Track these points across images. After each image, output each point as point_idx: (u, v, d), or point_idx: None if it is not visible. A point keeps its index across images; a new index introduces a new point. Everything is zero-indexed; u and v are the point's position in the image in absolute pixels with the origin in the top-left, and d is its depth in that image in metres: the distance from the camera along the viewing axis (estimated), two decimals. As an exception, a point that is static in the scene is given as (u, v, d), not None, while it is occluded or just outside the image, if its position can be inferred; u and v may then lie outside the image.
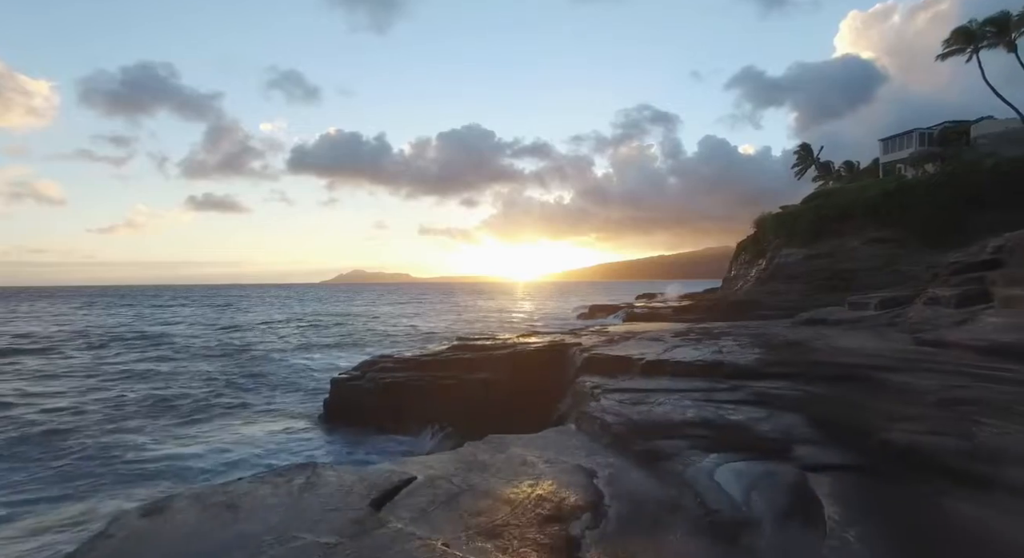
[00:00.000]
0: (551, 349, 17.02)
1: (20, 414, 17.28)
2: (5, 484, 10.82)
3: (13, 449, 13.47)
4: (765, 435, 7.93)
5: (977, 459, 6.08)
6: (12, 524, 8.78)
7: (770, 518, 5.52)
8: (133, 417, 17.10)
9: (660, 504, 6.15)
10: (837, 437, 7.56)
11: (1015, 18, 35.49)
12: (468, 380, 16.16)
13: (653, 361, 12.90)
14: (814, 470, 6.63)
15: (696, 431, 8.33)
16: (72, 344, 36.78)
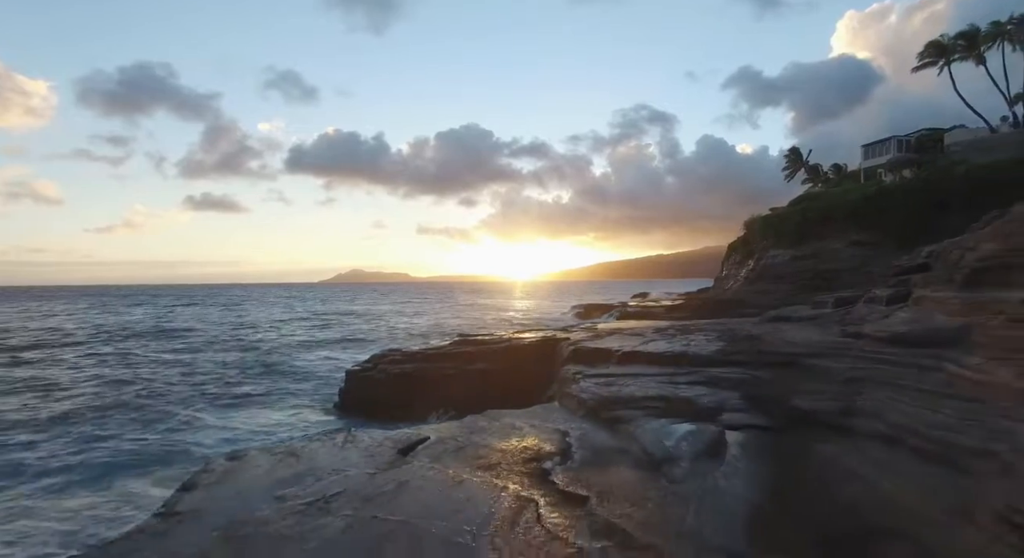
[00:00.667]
0: (543, 343, 19.18)
1: (83, 396, 19.53)
2: (96, 453, 12.93)
3: (90, 427, 15.62)
4: (704, 406, 10.09)
5: (847, 417, 8.27)
6: (111, 477, 10.95)
7: (689, 457, 7.70)
8: (173, 403, 19.23)
9: (613, 450, 8.33)
10: (758, 406, 9.73)
11: (983, 33, 37.68)
12: (468, 370, 18.30)
13: (629, 352, 15.06)
14: (732, 429, 8.80)
15: (652, 404, 10.48)
16: (98, 339, 38.93)
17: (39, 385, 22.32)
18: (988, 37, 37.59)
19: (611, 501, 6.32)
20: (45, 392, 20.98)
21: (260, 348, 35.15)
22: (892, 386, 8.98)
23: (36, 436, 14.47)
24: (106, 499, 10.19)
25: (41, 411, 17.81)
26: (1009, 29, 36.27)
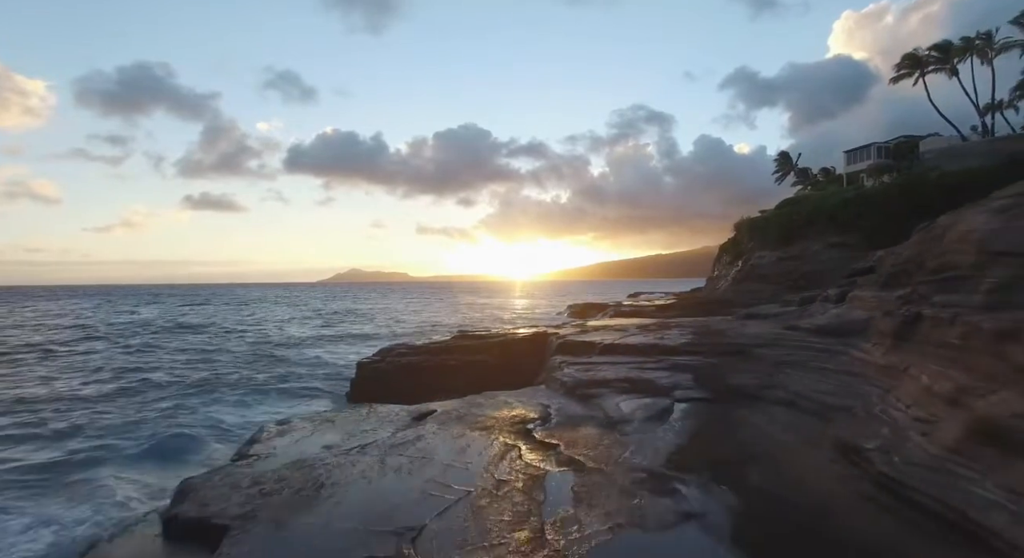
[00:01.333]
0: (535, 337, 21.48)
1: (121, 384, 21.89)
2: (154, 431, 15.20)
3: (137, 410, 17.92)
4: (662, 385, 12.41)
5: (764, 389, 10.59)
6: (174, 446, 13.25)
7: (640, 419, 10.01)
8: (203, 392, 21.54)
9: (582, 417, 10.63)
10: (704, 385, 12.05)
11: (955, 47, 40.00)
12: (468, 361, 20.58)
13: (609, 344, 17.36)
14: (679, 401, 11.10)
15: (619, 384, 12.80)
16: (121, 335, 41.23)
17: (79, 374, 24.64)
18: (959, 50, 39.91)
19: (574, 446, 8.63)
20: (84, 382, 23.29)
21: (271, 343, 37.47)
22: (805, 366, 11.34)
23: (95, 418, 16.76)
24: (172, 463, 12.49)
25: (88, 397, 20.14)
26: (977, 44, 38.61)
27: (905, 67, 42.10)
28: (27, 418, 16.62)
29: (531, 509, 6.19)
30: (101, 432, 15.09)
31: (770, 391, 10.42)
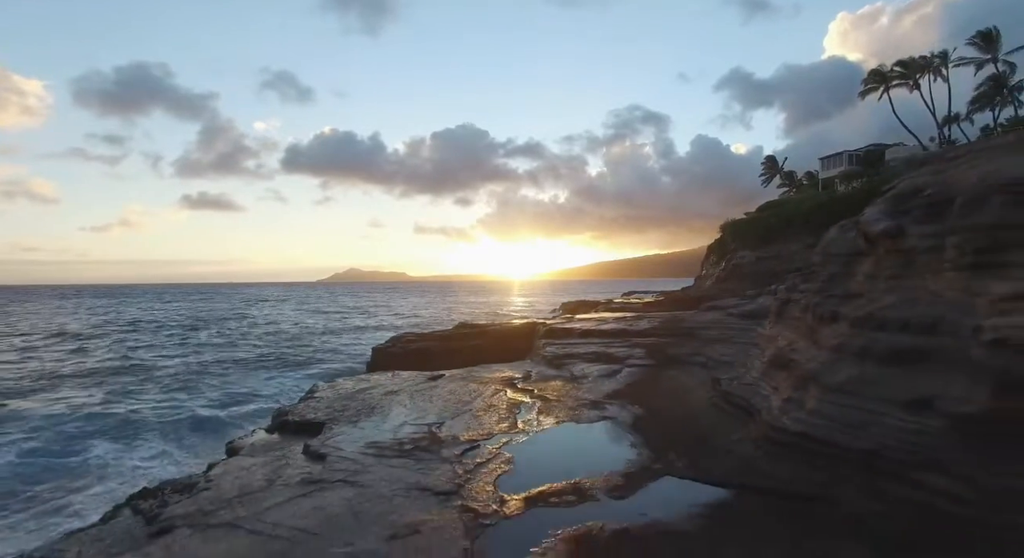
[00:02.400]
0: (526, 326, 25.25)
1: (181, 364, 25.76)
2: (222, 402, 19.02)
3: (207, 383, 21.84)
4: (619, 356, 16.15)
5: (691, 356, 14.30)
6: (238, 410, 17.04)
7: (595, 376, 13.75)
8: (249, 371, 25.40)
9: (554, 375, 14.41)
10: (651, 356, 15.78)
11: (916, 63, 43.68)
12: (469, 345, 24.27)
13: (585, 330, 21.10)
14: (629, 366, 14.82)
15: (588, 356, 16.55)
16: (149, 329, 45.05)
17: (138, 364, 28.41)
18: (919, 67, 43.63)
19: (544, 390, 12.37)
20: (150, 368, 27.06)
21: (290, 334, 41.20)
22: (725, 341, 15.07)
23: (177, 394, 20.67)
24: (246, 414, 16.25)
25: (158, 376, 24.02)
26: (935, 62, 42.31)
27: (872, 82, 45.73)
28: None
29: (510, 416, 9.92)
30: (223, 388, 19.41)
31: (695, 357, 14.17)
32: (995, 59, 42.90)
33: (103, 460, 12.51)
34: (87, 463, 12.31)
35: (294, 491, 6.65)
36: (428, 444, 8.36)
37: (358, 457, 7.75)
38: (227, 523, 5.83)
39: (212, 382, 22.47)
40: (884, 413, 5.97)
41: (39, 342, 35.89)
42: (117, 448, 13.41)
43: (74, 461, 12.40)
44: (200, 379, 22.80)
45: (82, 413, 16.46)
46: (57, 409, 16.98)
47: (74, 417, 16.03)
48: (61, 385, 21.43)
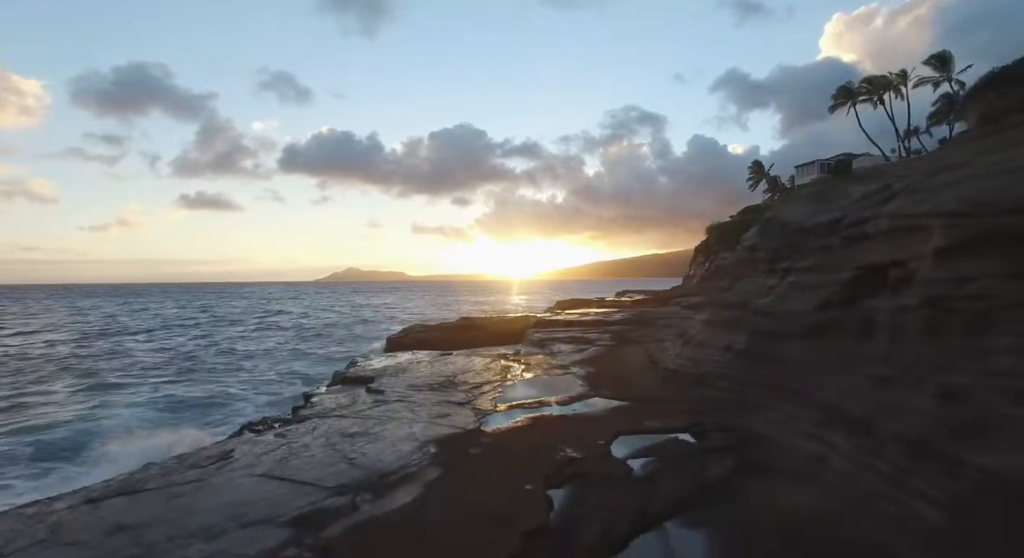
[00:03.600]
0: (519, 319, 29.87)
1: (238, 353, 30.32)
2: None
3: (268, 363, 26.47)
4: (590, 339, 20.84)
5: (645, 337, 18.94)
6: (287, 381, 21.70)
7: (567, 352, 18.40)
8: (284, 351, 30.07)
9: (538, 352, 19.12)
10: (615, 339, 20.41)
11: (880, 81, 48.35)
12: (471, 335, 28.88)
13: (568, 321, 25.79)
14: (595, 345, 19.44)
15: (565, 339, 21.24)
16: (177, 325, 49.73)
17: (232, 350, 33.27)
18: (883, 85, 48.33)
19: (529, 361, 17.04)
20: (244, 350, 32.00)
21: (310, 328, 45.90)
22: (670, 327, 19.73)
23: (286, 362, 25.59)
24: (301, 381, 20.92)
25: (254, 353, 29.04)
26: (895, 81, 47.01)
27: (840, 98, 50.41)
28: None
29: (503, 372, 14.57)
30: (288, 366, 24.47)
31: (645, 338, 18.83)
32: (949, 78, 47.62)
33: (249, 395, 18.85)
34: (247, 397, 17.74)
35: (370, 404, 11.27)
36: (448, 384, 13.02)
37: (404, 391, 12.39)
38: (338, 415, 10.42)
39: (284, 356, 27.62)
40: (711, 354, 10.59)
41: (155, 334, 40.67)
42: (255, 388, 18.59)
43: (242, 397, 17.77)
44: (275, 355, 28.02)
45: (226, 377, 23.46)
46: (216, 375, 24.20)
47: (231, 376, 23.08)
48: (200, 367, 26.62)
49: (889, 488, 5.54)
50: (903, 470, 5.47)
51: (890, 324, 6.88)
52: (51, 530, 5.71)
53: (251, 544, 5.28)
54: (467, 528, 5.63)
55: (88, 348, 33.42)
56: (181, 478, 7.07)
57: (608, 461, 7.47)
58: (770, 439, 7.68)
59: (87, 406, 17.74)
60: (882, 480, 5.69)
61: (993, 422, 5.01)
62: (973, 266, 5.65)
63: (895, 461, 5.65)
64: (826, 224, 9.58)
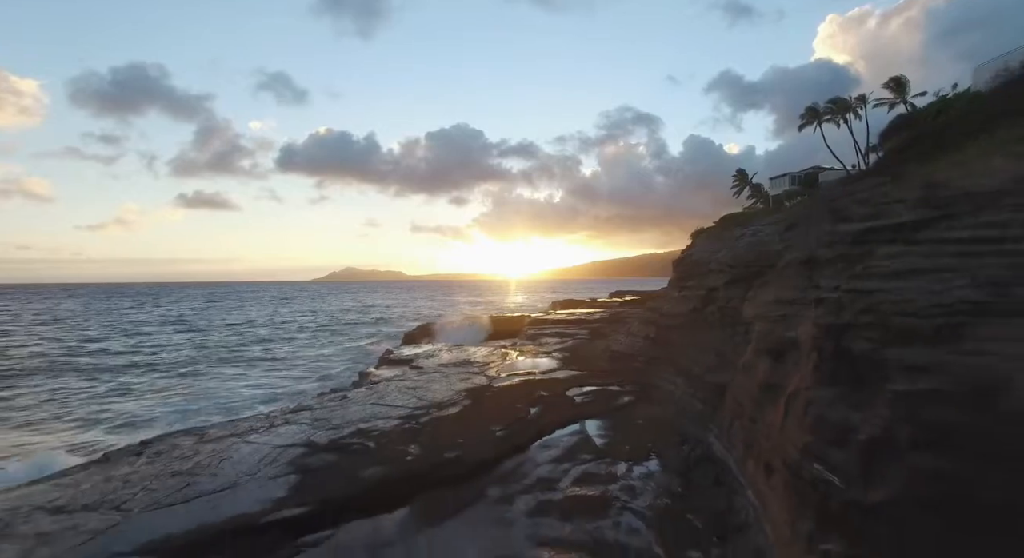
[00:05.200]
0: (516, 318, 36.01)
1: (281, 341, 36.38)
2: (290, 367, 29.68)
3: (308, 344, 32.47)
4: (571, 334, 27.03)
5: (614, 331, 25.06)
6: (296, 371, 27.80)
7: (552, 344, 24.53)
8: (312, 339, 36.07)
9: (530, 344, 25.21)
10: (591, 334, 26.55)
11: (843, 102, 54.65)
12: (475, 332, 34.98)
13: (557, 320, 31.96)
14: (575, 339, 25.54)
15: (552, 334, 27.45)
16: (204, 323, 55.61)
17: (290, 337, 39.10)
18: (845, 107, 54.60)
19: (522, 349, 23.16)
20: (307, 340, 37.79)
21: (330, 324, 51.93)
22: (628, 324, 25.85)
23: (322, 358, 31.49)
24: (336, 371, 26.99)
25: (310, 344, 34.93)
26: (854, 104, 53.31)
27: (808, 117, 56.76)
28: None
29: (503, 357, 20.68)
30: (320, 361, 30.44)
31: (613, 332, 24.91)
32: (904, 100, 53.90)
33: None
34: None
35: (415, 374, 17.35)
36: (466, 363, 19.13)
37: (436, 367, 18.50)
38: (397, 379, 16.50)
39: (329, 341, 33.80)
40: (637, 341, 16.75)
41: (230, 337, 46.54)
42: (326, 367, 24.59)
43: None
44: (322, 340, 34.09)
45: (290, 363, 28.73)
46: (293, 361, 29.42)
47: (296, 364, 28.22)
48: (282, 357, 32.82)
49: (696, 404, 11.58)
50: (704, 400, 11.47)
51: (713, 320, 12.88)
52: (286, 420, 11.83)
53: (385, 423, 11.35)
54: (486, 421, 11.70)
55: (210, 342, 39.99)
56: (329, 404, 13.18)
57: (563, 396, 13.61)
58: (655, 386, 13.76)
59: (256, 379, 24.64)
60: (696, 401, 11.73)
61: (732, 364, 11.10)
62: (733, 292, 11.65)
63: (704, 396, 11.65)
64: (704, 259, 15.63)
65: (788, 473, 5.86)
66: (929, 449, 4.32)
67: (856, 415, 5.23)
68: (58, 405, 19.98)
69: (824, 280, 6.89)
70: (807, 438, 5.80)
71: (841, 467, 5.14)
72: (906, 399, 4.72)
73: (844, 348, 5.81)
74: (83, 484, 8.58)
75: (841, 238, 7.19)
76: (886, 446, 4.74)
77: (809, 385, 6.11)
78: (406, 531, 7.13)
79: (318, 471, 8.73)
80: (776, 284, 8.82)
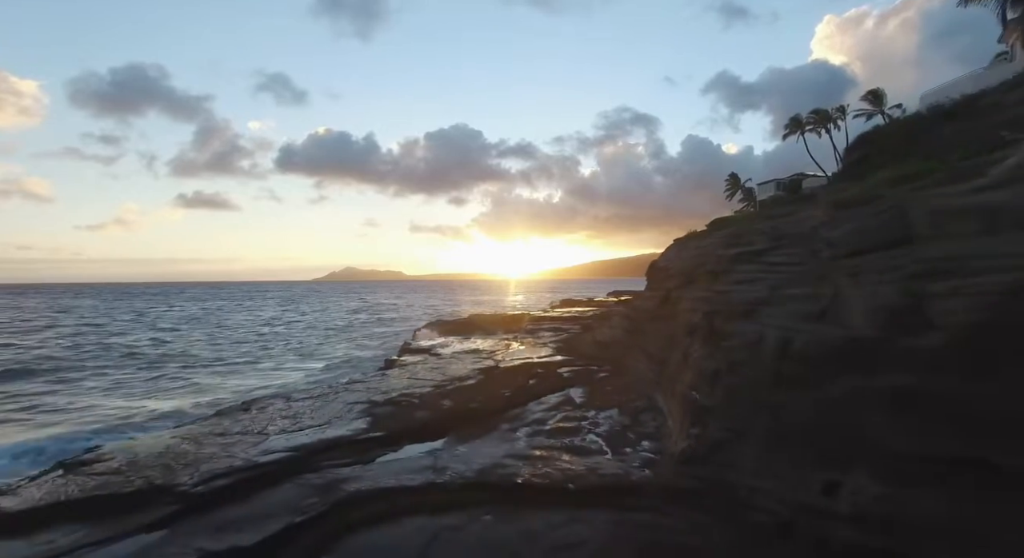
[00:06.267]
0: (518, 316, 40.17)
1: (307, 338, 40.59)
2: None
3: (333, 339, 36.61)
4: (565, 329, 31.20)
5: (600, 325, 29.22)
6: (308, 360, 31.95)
7: (548, 336, 28.67)
8: (334, 335, 40.19)
9: (530, 337, 29.29)
10: (582, 329, 30.68)
11: (823, 113, 58.72)
12: (481, 328, 39.13)
13: (553, 317, 36.19)
14: (567, 333, 29.67)
15: (548, 329, 31.69)
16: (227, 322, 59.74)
17: (331, 335, 43.24)
18: (826, 118, 58.68)
19: (523, 341, 27.27)
20: (339, 339, 41.86)
21: (346, 323, 56.10)
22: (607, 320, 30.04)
23: (353, 348, 35.48)
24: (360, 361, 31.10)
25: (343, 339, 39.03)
26: (834, 115, 57.39)
27: (792, 127, 60.87)
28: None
29: (507, 347, 24.79)
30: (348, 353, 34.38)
31: (602, 326, 29.02)
32: (882, 112, 58.06)
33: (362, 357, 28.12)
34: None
35: (435, 360, 21.47)
36: (476, 352, 23.25)
37: (451, 354, 22.63)
38: (421, 364, 20.60)
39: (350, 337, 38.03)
40: (616, 331, 20.86)
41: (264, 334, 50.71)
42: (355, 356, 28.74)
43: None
44: (344, 336, 38.32)
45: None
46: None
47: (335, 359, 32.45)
48: (311, 352, 36.87)
49: (650, 374, 15.69)
50: (655, 371, 15.58)
51: (668, 314, 16.98)
52: (346, 389, 15.94)
53: (422, 389, 15.47)
54: (496, 388, 15.81)
55: (241, 338, 44.08)
56: (374, 379, 17.31)
57: (555, 373, 17.76)
58: (627, 365, 17.86)
59: (295, 367, 28.58)
60: (650, 372, 15.83)
61: (674, 344, 15.24)
62: (681, 292, 15.74)
63: (655, 368, 15.75)
64: (667, 266, 19.72)
65: (681, 397, 9.97)
66: (730, 373, 8.44)
67: (712, 363, 9.33)
68: (150, 382, 24.27)
69: (712, 285, 10.96)
70: (692, 377, 9.90)
71: (702, 389, 9.24)
72: (727, 351, 8.82)
73: (713, 326, 9.89)
74: (224, 422, 12.71)
75: (726, 257, 11.24)
76: (720, 377, 8.81)
77: (696, 347, 10.17)
78: (448, 446, 11.25)
79: (382, 416, 12.86)
80: (696, 286, 12.91)
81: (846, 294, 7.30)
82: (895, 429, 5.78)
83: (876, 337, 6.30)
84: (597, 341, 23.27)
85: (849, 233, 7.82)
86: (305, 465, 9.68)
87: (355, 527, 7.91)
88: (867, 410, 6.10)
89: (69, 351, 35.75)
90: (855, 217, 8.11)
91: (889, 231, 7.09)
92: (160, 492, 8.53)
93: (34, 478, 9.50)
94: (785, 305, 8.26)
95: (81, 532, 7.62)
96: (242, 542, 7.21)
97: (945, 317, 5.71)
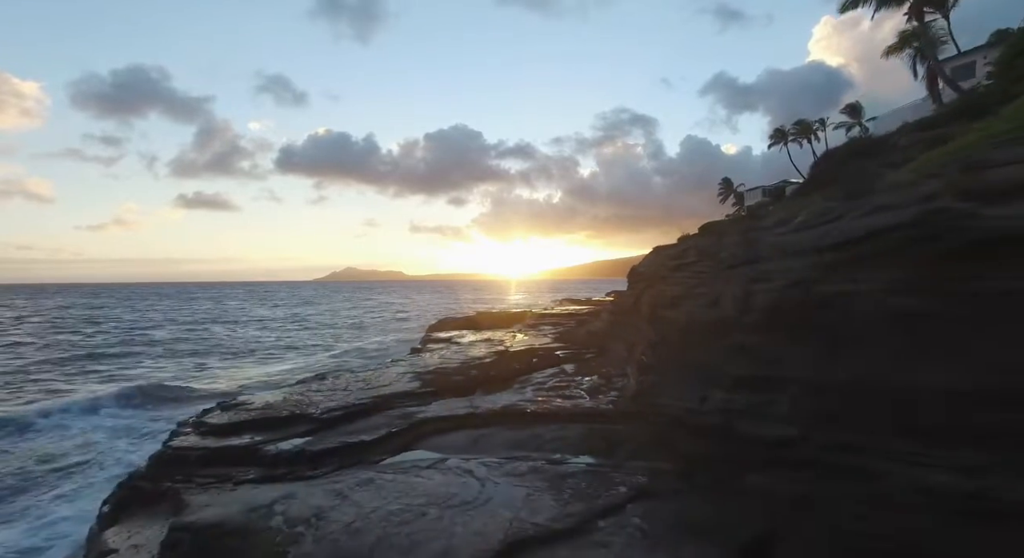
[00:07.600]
0: (521, 312, 45.33)
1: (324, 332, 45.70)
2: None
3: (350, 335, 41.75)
4: (564, 323, 36.38)
5: (589, 321, 34.37)
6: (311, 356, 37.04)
7: (548, 330, 33.80)
8: (356, 331, 45.36)
9: (531, 330, 34.34)
10: (578, 324, 35.82)
11: (806, 125, 63.76)
12: (488, 323, 44.26)
13: (553, 313, 41.40)
14: (564, 327, 34.80)
15: (549, 324, 36.77)
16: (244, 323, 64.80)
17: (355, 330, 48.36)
18: (807, 129, 63.76)
19: (525, 333, 32.43)
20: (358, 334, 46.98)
21: (363, 322, 61.26)
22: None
23: (364, 342, 40.60)
24: (369, 356, 36.18)
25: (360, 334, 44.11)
26: (815, 126, 62.47)
27: (776, 137, 65.97)
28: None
29: (514, 337, 29.94)
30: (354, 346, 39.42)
31: (595, 320, 34.10)
32: (860, 124, 63.19)
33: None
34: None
35: (455, 348, 26.59)
36: (488, 341, 28.38)
37: (467, 343, 27.79)
38: (444, 350, 25.71)
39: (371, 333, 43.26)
40: (603, 323, 25.96)
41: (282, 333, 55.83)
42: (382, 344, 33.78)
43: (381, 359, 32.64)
44: (365, 332, 43.42)
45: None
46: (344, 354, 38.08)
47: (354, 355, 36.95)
48: (338, 346, 42.07)
49: (624, 353, 20.80)
50: (627, 350, 20.66)
51: (641, 307, 22.15)
52: (392, 366, 21.07)
53: (451, 365, 20.58)
54: (507, 363, 20.91)
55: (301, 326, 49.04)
56: (410, 358, 22.43)
57: (552, 355, 22.90)
58: (610, 349, 23.01)
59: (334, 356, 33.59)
60: (624, 352, 20.94)
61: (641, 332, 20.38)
62: (649, 291, 20.92)
63: (628, 348, 20.88)
64: (641, 270, 24.93)
65: (636, 361, 15.14)
66: (661, 343, 13.57)
67: (652, 337, 14.41)
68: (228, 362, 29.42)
69: (660, 285, 16.11)
70: (643, 348, 15.02)
71: (647, 353, 14.37)
72: (660, 328, 13.96)
73: (655, 313, 14.99)
74: (312, 386, 17.84)
75: (669, 266, 16.39)
76: (656, 346, 13.92)
77: (645, 328, 15.29)
78: (478, 396, 16.39)
79: (428, 380, 17.99)
80: (653, 287, 18.10)
81: (724, 291, 12.44)
82: (735, 364, 10.92)
83: (731, 316, 11.42)
84: (588, 332, 28.41)
85: (730, 254, 12.95)
86: (386, 405, 14.84)
87: (427, 435, 13.05)
88: (722, 357, 11.23)
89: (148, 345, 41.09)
90: (737, 243, 13.23)
91: (746, 254, 12.23)
92: (301, 418, 13.67)
93: (208, 410, 14.64)
94: (695, 299, 13.38)
95: (262, 436, 12.75)
96: (366, 438, 12.35)
97: (759, 303, 10.85)
